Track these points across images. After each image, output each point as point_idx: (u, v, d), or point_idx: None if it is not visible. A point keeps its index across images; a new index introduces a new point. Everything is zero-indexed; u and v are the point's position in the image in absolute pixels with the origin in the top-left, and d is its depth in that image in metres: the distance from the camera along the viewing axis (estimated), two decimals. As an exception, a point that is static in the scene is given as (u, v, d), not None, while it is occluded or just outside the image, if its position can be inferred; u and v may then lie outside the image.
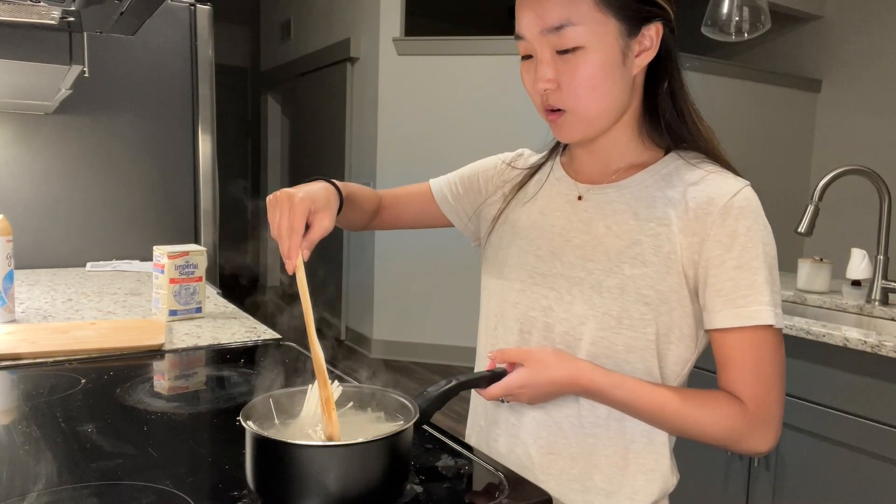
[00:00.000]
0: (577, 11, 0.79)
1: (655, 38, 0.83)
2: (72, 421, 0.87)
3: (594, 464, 0.87)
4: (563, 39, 0.80)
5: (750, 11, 2.15)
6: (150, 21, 1.29)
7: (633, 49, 0.82)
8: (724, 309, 0.81)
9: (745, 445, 0.82)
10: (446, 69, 4.51)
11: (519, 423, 0.92)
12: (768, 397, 0.81)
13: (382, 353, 4.72)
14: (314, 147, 5.67)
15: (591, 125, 0.86)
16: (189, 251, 1.45)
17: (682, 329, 0.85)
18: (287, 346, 1.27)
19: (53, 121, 2.15)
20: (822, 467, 1.63)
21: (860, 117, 5.10)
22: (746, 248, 0.80)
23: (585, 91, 0.82)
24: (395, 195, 1.09)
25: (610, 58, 0.81)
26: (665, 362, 0.85)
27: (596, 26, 0.80)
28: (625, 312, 0.84)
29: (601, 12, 0.79)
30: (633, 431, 0.87)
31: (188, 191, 2.38)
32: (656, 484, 0.87)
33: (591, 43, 0.80)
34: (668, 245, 0.84)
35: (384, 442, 0.66)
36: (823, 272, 2.09)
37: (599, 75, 0.81)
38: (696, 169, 0.86)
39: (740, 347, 0.81)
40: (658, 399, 0.82)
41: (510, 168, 1.04)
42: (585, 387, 0.82)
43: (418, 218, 1.10)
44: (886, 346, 1.48)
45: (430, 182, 1.09)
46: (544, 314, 0.90)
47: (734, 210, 0.81)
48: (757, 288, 0.80)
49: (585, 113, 0.84)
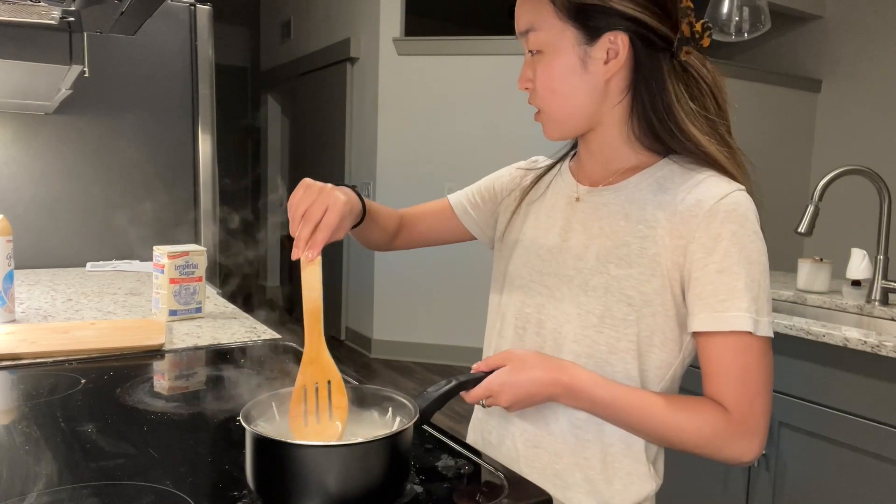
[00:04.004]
0: (539, 17, 0.85)
1: (622, 47, 0.84)
2: (72, 421, 0.87)
3: (574, 462, 0.88)
4: (529, 43, 0.87)
5: (750, 11, 2.15)
6: (150, 21, 1.29)
7: (595, 56, 0.84)
8: (703, 312, 0.81)
9: (727, 453, 0.81)
10: (446, 69, 4.51)
11: (509, 416, 0.93)
12: (752, 405, 0.80)
13: (382, 353, 4.72)
14: (314, 147, 5.67)
15: (562, 125, 0.90)
16: (189, 251, 1.45)
17: (666, 333, 0.85)
18: (287, 346, 1.27)
19: (53, 121, 2.15)
20: (822, 467, 1.63)
21: (860, 117, 5.10)
22: (729, 253, 0.80)
23: (547, 93, 0.87)
24: (414, 214, 1.10)
25: (568, 63, 0.85)
26: (647, 365, 0.86)
27: (555, 32, 0.84)
28: (607, 312, 0.85)
29: (560, 20, 0.84)
30: (611, 436, 0.87)
31: (188, 191, 2.38)
32: (633, 488, 0.87)
33: (549, 48, 0.85)
34: (654, 247, 0.84)
35: (384, 442, 0.66)
36: (823, 272, 2.09)
37: (558, 79, 0.86)
38: (690, 173, 0.86)
39: (724, 354, 0.81)
40: (640, 401, 0.82)
41: (525, 173, 1.07)
42: (567, 385, 0.81)
43: (440, 234, 1.11)
44: (886, 346, 1.48)
45: (449, 197, 1.11)
46: (537, 311, 0.92)
47: (720, 214, 0.81)
48: (736, 293, 0.79)
49: (552, 114, 0.89)
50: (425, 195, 4.85)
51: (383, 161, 4.65)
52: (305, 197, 0.79)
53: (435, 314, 4.59)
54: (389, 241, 1.08)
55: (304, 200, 0.78)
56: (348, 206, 0.81)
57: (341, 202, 0.79)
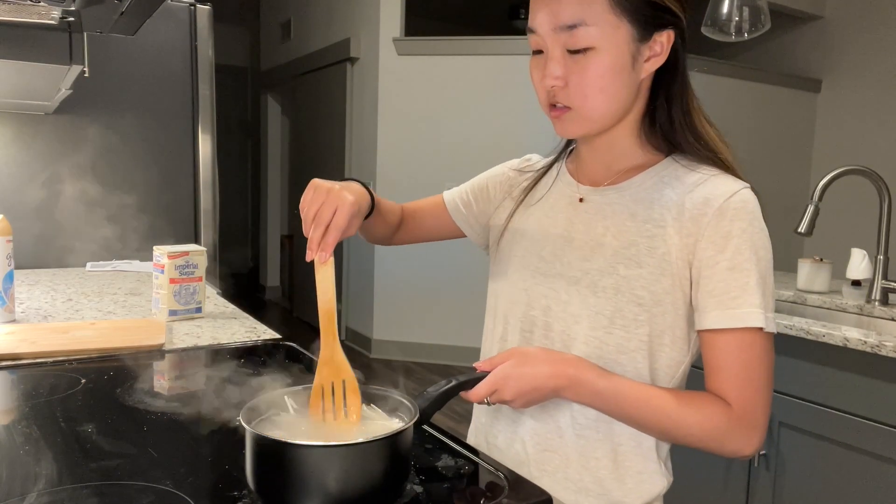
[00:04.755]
0: (592, 12, 0.80)
1: (666, 45, 0.83)
2: (72, 421, 0.87)
3: (584, 465, 0.88)
4: (576, 39, 0.81)
5: (750, 11, 2.15)
6: (150, 21, 1.29)
7: (643, 54, 0.83)
8: (715, 310, 0.81)
9: (728, 447, 0.82)
10: (446, 69, 4.51)
11: (518, 419, 0.92)
12: (754, 400, 0.81)
13: (382, 353, 4.72)
14: (314, 147, 5.67)
15: (593, 124, 0.87)
16: (189, 251, 1.45)
17: (675, 331, 0.85)
18: (287, 345, 1.27)
19: (53, 121, 2.15)
20: (822, 467, 1.63)
21: (860, 117, 5.10)
22: (740, 250, 0.80)
23: (593, 92, 0.83)
24: (412, 209, 1.10)
25: (620, 61, 0.81)
26: (657, 364, 0.86)
27: (609, 28, 0.80)
28: (618, 312, 0.85)
29: (615, 15, 0.80)
30: (621, 435, 0.87)
31: (188, 191, 2.38)
32: (645, 486, 0.87)
33: (602, 45, 0.80)
34: (664, 247, 0.84)
35: (384, 442, 0.66)
36: (823, 272, 2.09)
37: (608, 77, 0.82)
38: (695, 172, 0.86)
39: (729, 350, 0.81)
40: (643, 394, 0.82)
41: (519, 174, 1.06)
42: (572, 376, 0.81)
43: (434, 231, 1.11)
44: (886, 346, 1.48)
45: (444, 194, 1.11)
46: (544, 313, 0.91)
47: (729, 211, 0.81)
48: (749, 290, 0.79)
49: (591, 113, 0.85)
50: (425, 195, 4.81)
51: (383, 161, 4.65)
52: (315, 199, 0.80)
53: (435, 314, 4.59)
54: (391, 235, 1.08)
55: (314, 202, 0.80)
56: (356, 205, 0.82)
57: (349, 203, 0.80)
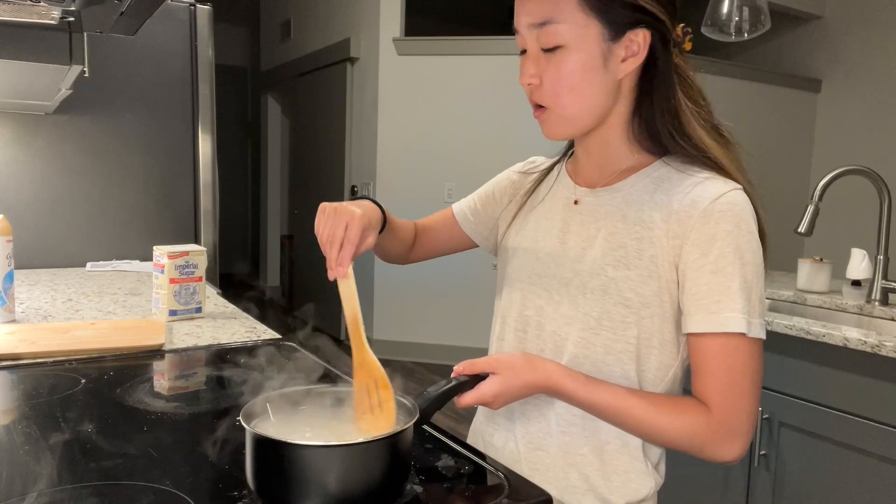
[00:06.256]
0: (561, 10, 0.80)
1: (643, 45, 0.83)
2: (72, 421, 0.87)
3: (571, 462, 0.89)
4: (546, 36, 0.82)
5: (750, 11, 2.15)
6: (150, 21, 1.29)
7: (616, 53, 0.82)
8: (698, 313, 0.80)
9: (709, 453, 0.81)
10: (446, 69, 4.51)
11: (512, 418, 0.94)
12: (736, 406, 0.80)
13: (382, 353, 4.72)
14: (314, 147, 5.67)
15: (571, 124, 0.87)
16: (189, 251, 1.45)
17: (664, 335, 0.85)
18: (287, 345, 1.27)
19: (53, 121, 2.15)
20: (822, 467, 1.63)
21: (860, 117, 5.10)
22: (724, 254, 0.79)
23: (564, 90, 0.83)
24: (425, 225, 1.12)
25: (590, 59, 0.82)
26: (646, 367, 0.86)
27: (578, 27, 0.81)
28: (605, 314, 0.85)
29: (584, 13, 0.80)
30: (608, 433, 0.88)
31: (188, 191, 2.38)
32: (632, 486, 0.88)
33: (571, 42, 0.81)
34: (652, 249, 0.84)
35: (384, 442, 0.66)
36: (823, 272, 2.09)
37: (578, 76, 0.82)
38: (687, 173, 0.86)
39: (712, 354, 0.80)
40: (623, 403, 0.82)
41: (523, 176, 1.06)
42: (552, 389, 0.83)
43: (448, 244, 1.13)
44: (886, 346, 1.48)
45: (453, 206, 1.12)
46: (537, 314, 0.93)
47: (715, 214, 0.80)
48: (731, 294, 0.79)
49: (563, 111, 0.85)
50: (425, 195, 4.88)
51: (383, 161, 4.65)
52: (325, 221, 0.83)
53: (435, 314, 4.59)
54: (407, 252, 1.10)
55: (326, 224, 0.83)
56: (365, 217, 0.85)
57: (357, 216, 0.83)
